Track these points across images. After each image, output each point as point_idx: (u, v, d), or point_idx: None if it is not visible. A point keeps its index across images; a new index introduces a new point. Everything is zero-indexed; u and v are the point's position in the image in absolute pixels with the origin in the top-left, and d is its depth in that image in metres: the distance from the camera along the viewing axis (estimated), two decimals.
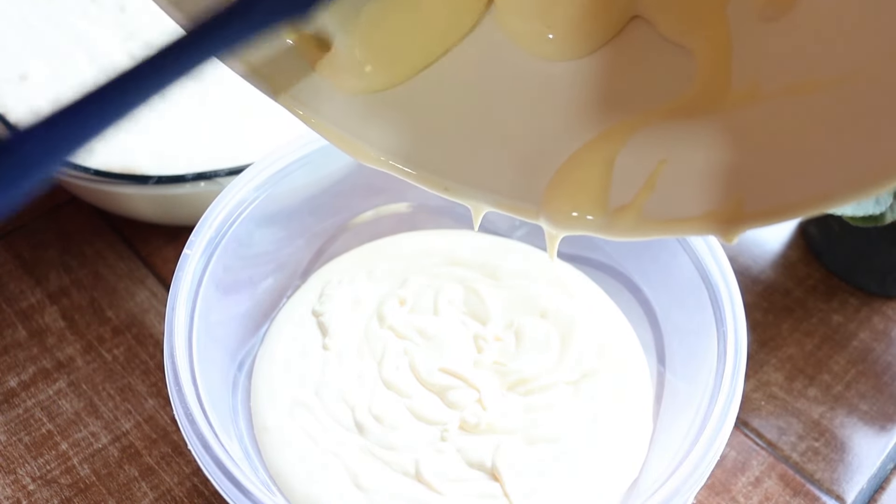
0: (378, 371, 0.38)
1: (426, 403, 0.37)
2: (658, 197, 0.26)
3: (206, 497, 0.38)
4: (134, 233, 0.49)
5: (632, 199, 0.26)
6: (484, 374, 0.38)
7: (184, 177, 0.42)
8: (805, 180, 0.23)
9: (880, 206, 0.41)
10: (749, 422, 0.42)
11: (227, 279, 0.38)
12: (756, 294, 0.48)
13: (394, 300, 0.41)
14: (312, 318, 0.41)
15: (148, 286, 0.47)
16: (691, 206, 0.25)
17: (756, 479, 0.40)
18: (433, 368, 0.38)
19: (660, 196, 0.26)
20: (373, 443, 0.36)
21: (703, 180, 0.25)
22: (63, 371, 0.43)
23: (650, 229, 0.26)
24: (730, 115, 0.25)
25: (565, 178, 0.27)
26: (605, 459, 0.35)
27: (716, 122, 0.25)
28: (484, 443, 0.36)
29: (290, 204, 0.41)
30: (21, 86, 0.46)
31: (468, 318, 0.41)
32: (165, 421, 0.41)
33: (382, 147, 0.28)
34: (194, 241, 0.36)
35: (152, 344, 0.44)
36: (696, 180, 0.25)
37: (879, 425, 0.43)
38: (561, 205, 0.27)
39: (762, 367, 0.45)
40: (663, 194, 0.26)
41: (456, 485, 0.34)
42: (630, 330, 0.41)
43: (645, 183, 0.26)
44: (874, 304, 0.48)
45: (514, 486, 0.34)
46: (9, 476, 0.39)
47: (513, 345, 0.40)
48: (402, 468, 0.35)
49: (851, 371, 0.45)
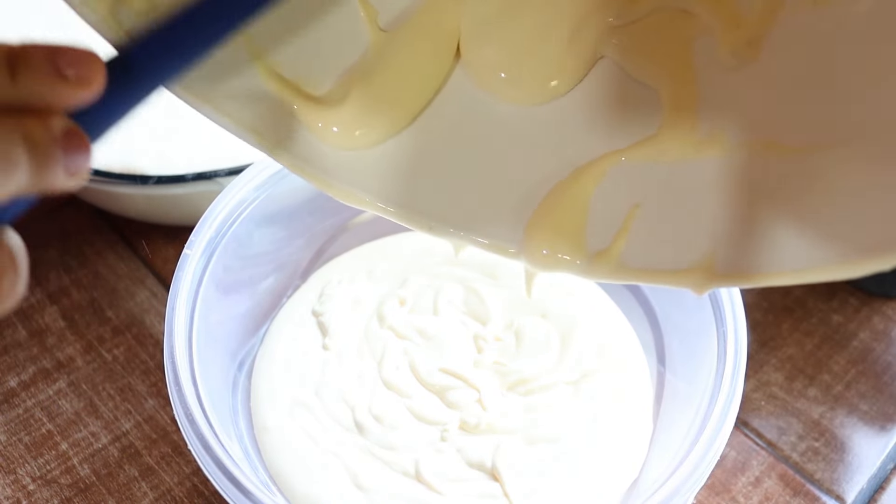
0: (378, 371, 0.38)
1: (426, 403, 0.37)
2: (634, 244, 0.26)
3: (206, 497, 0.38)
4: (134, 233, 0.49)
5: (610, 243, 0.26)
6: (484, 374, 0.38)
7: (184, 177, 0.42)
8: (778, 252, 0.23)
9: None
10: (749, 422, 0.42)
11: (227, 279, 0.38)
12: (756, 294, 0.48)
13: (394, 300, 0.41)
14: (312, 318, 0.41)
15: (148, 286, 0.47)
16: (665, 259, 0.26)
17: (756, 479, 0.40)
18: (433, 368, 0.38)
19: (636, 243, 0.26)
20: (373, 443, 0.36)
21: (677, 231, 0.25)
22: (63, 371, 0.43)
23: (628, 276, 0.26)
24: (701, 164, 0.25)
25: (542, 219, 0.27)
26: (605, 459, 0.35)
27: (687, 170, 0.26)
28: (484, 443, 0.36)
29: (290, 204, 0.41)
30: None
31: (468, 318, 0.41)
32: (165, 421, 0.41)
33: (368, 190, 0.28)
34: (194, 241, 0.36)
35: (152, 344, 0.44)
36: (670, 230, 0.26)
37: (879, 425, 0.43)
38: (539, 246, 0.27)
39: (762, 367, 0.45)
40: (639, 242, 0.26)
41: (456, 485, 0.34)
42: (630, 330, 0.41)
43: (621, 227, 0.26)
44: (874, 304, 0.48)
45: (514, 486, 0.34)
46: (9, 476, 0.39)
47: (513, 345, 0.40)
48: (402, 468, 0.35)
49: (851, 371, 0.45)
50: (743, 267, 0.24)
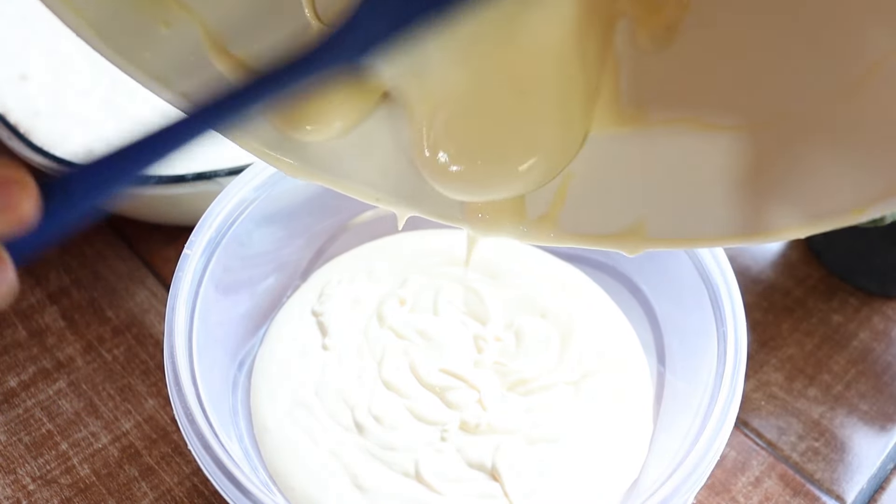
0: (378, 371, 0.38)
1: (426, 404, 0.37)
2: (571, 210, 0.28)
3: (206, 497, 0.38)
4: (134, 233, 0.49)
5: (548, 209, 0.28)
6: (484, 375, 0.38)
7: (184, 177, 0.42)
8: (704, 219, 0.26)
9: None
10: (749, 422, 0.42)
11: (227, 279, 0.38)
12: (756, 294, 0.48)
13: (394, 300, 0.41)
14: (312, 317, 0.41)
15: (148, 286, 0.47)
16: (600, 223, 0.28)
17: (756, 479, 0.40)
18: (433, 369, 0.38)
19: (572, 209, 0.28)
20: (372, 443, 0.36)
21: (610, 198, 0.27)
22: (63, 371, 0.43)
23: (567, 240, 0.28)
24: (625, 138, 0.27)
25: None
26: (605, 459, 0.35)
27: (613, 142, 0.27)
28: (484, 443, 0.36)
29: (290, 204, 0.41)
30: (21, 86, 0.46)
31: (468, 318, 0.41)
32: (165, 421, 0.41)
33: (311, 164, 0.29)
34: (194, 241, 0.36)
35: (152, 344, 0.44)
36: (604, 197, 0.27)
37: (879, 425, 0.43)
38: (478, 210, 0.28)
39: (762, 367, 0.45)
40: (576, 207, 0.28)
41: (456, 485, 0.34)
42: (630, 330, 0.41)
43: (556, 195, 0.28)
44: (874, 304, 0.48)
45: (514, 486, 0.34)
46: (9, 476, 0.39)
47: (513, 345, 0.40)
48: (402, 468, 0.35)
49: (851, 371, 0.45)
50: (672, 231, 0.26)
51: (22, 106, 0.45)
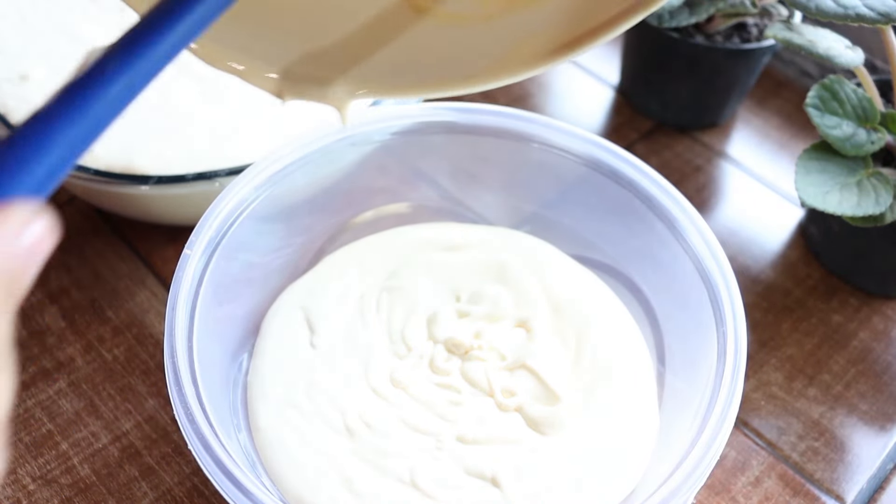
0: (365, 375, 0.38)
1: (419, 415, 0.36)
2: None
3: (206, 497, 0.38)
4: (134, 233, 0.49)
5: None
6: (483, 400, 0.37)
7: (184, 177, 0.42)
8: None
9: (880, 207, 0.41)
10: (749, 422, 0.42)
11: (227, 279, 0.38)
12: (756, 294, 0.48)
13: (383, 298, 0.40)
14: (301, 313, 0.40)
15: (148, 286, 0.47)
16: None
17: (756, 479, 0.40)
18: (423, 380, 0.37)
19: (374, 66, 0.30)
20: (365, 448, 0.35)
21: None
22: (63, 371, 0.43)
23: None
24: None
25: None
26: (606, 460, 0.35)
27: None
28: (483, 451, 0.35)
29: (290, 204, 0.41)
30: (21, 86, 0.46)
31: (464, 321, 0.40)
32: (165, 421, 0.41)
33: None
34: (194, 241, 0.36)
35: (152, 344, 0.44)
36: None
37: (879, 425, 0.43)
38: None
39: (762, 367, 0.45)
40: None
41: (453, 492, 0.34)
42: (636, 329, 0.40)
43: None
44: (874, 304, 0.48)
45: (514, 489, 0.34)
46: (9, 476, 0.39)
47: (515, 345, 0.39)
48: (397, 475, 0.34)
49: (851, 371, 0.45)
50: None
51: (22, 106, 0.45)
